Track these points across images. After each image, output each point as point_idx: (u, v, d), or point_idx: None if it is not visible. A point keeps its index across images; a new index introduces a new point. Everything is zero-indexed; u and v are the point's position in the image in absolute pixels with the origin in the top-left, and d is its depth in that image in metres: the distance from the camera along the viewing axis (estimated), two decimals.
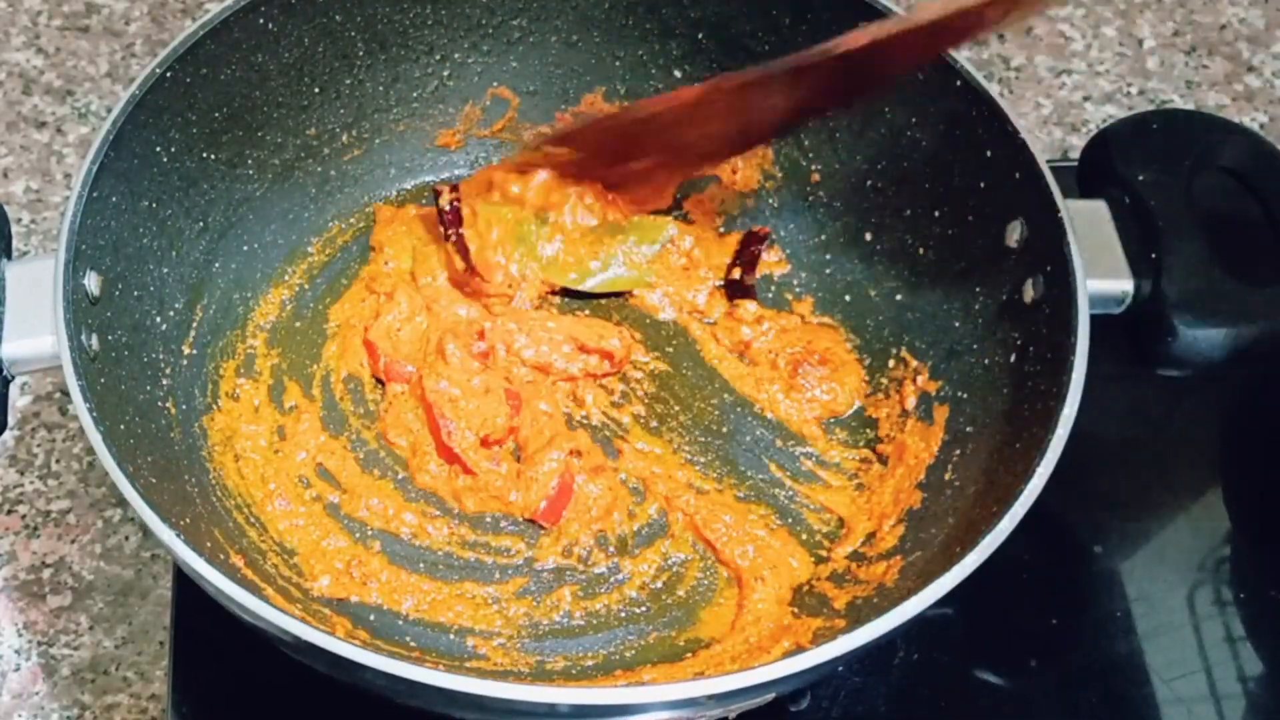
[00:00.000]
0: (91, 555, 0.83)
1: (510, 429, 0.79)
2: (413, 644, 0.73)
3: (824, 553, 0.77)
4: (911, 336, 0.82)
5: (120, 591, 0.82)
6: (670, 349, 0.84)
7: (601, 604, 0.75)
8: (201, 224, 0.80)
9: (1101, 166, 0.77)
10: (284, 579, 0.74)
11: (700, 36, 0.86)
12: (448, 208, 0.82)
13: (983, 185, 0.77)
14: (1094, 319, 0.69)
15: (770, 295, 0.87)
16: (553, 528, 0.77)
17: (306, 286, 0.85)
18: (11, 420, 0.87)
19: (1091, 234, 0.74)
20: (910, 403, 0.80)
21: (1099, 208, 0.76)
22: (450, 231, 0.82)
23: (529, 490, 0.77)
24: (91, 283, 0.68)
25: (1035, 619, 0.79)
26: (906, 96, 0.80)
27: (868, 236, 0.85)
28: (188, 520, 0.68)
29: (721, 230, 0.89)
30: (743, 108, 0.77)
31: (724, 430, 0.82)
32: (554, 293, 0.86)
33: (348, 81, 0.85)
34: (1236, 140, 0.77)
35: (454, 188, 0.83)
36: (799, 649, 0.60)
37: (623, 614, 0.75)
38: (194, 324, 0.79)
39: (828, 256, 0.87)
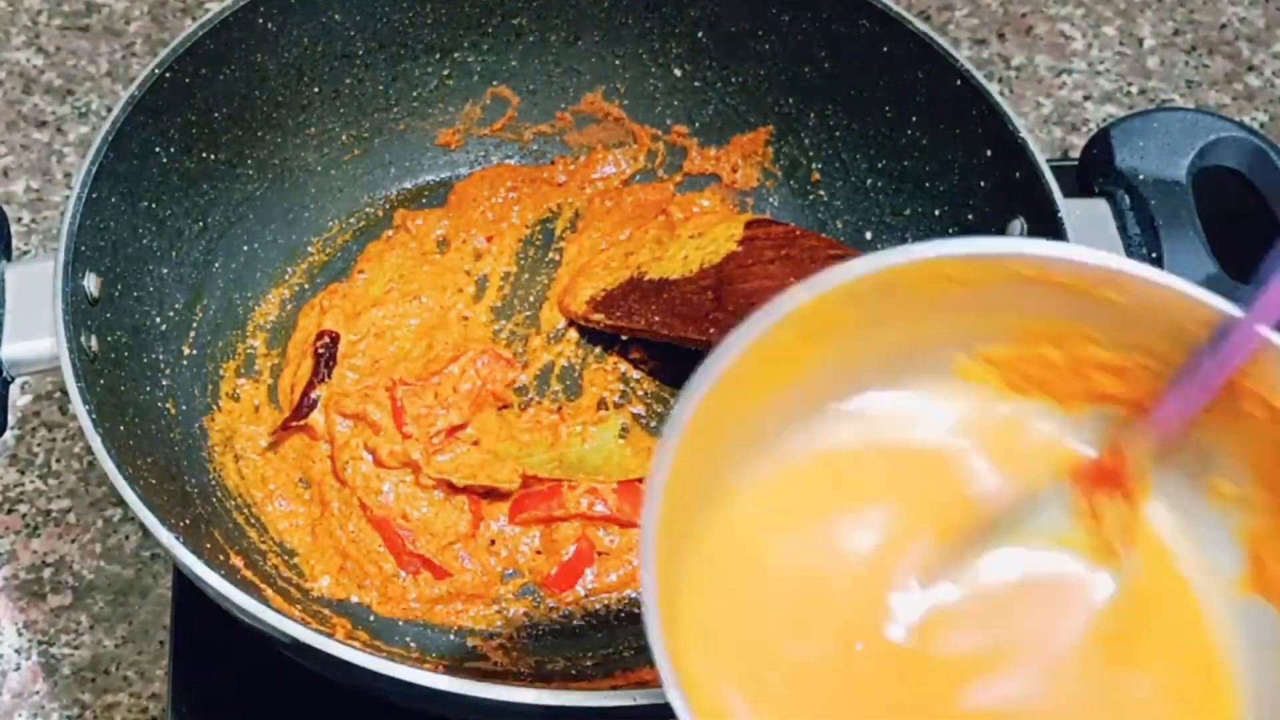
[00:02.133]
0: (92, 554, 0.83)
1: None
2: (413, 645, 0.73)
3: None
4: None
5: (120, 591, 0.82)
6: (670, 348, 0.84)
7: (601, 604, 0.75)
8: (201, 224, 0.80)
9: (1102, 165, 0.77)
10: (284, 580, 0.74)
11: (700, 35, 0.86)
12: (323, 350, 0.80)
13: (983, 185, 0.77)
14: None
15: None
16: (552, 598, 0.75)
17: (306, 286, 0.85)
18: (11, 420, 0.87)
19: (1092, 233, 0.74)
20: None
21: (1099, 207, 0.76)
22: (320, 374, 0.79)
23: (539, 555, 0.76)
24: (91, 284, 0.68)
25: None
26: (907, 96, 0.80)
27: (868, 236, 0.85)
28: (187, 521, 0.68)
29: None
30: None
31: None
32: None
33: (347, 81, 0.85)
34: (1237, 139, 0.77)
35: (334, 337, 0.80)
36: None
37: (623, 614, 0.75)
38: (194, 324, 0.79)
39: None
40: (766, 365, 0.45)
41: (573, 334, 0.84)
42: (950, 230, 0.80)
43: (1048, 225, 0.72)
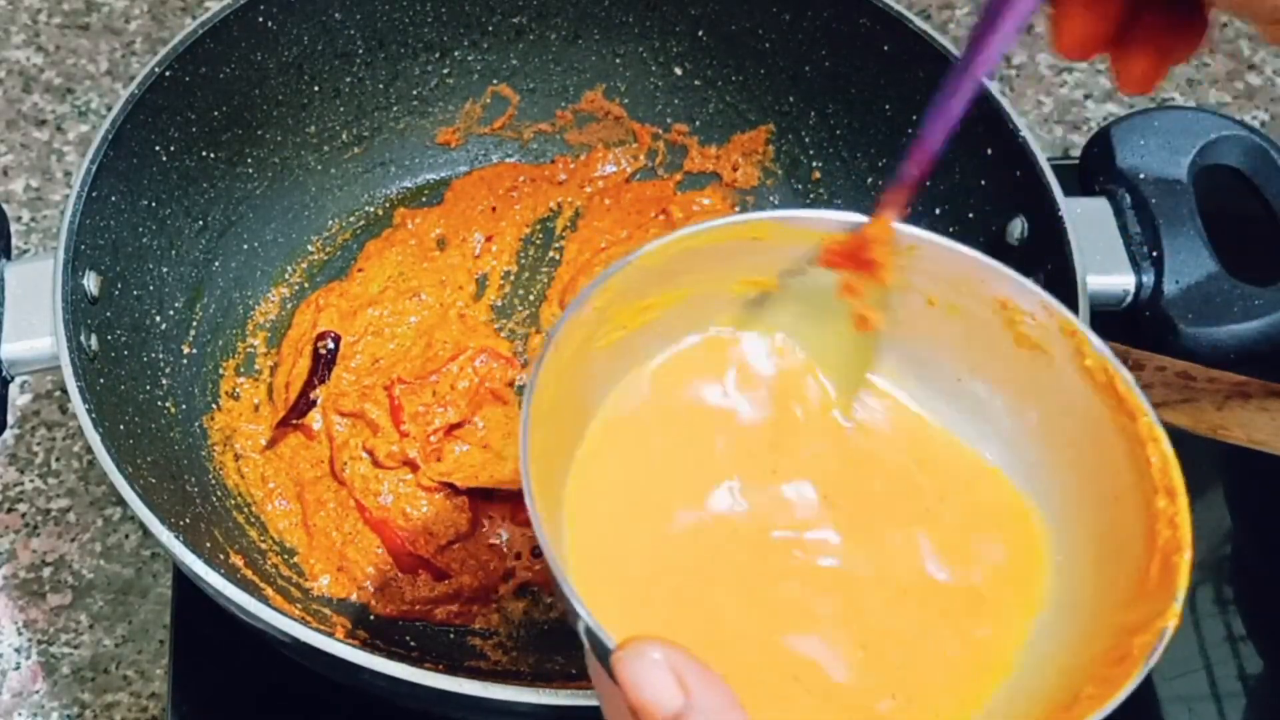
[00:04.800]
0: (91, 554, 0.83)
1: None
2: (413, 644, 0.73)
3: None
4: None
5: (120, 590, 0.82)
6: None
7: None
8: (201, 223, 0.80)
9: (1102, 164, 0.77)
10: (284, 579, 0.74)
11: (700, 33, 0.86)
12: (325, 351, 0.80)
13: (983, 183, 0.77)
14: (1095, 316, 0.69)
15: None
16: (551, 598, 0.75)
17: (307, 285, 0.85)
18: (11, 419, 0.87)
19: (1092, 232, 0.74)
20: None
21: (1100, 205, 0.76)
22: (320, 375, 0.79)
23: (539, 555, 0.75)
24: (91, 283, 0.68)
25: None
26: (907, 95, 0.80)
27: None
28: (187, 520, 0.68)
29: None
30: None
31: None
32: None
33: (347, 80, 0.85)
34: (1238, 138, 0.77)
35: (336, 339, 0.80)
36: None
37: None
38: (194, 323, 0.79)
39: None
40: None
41: None
42: (950, 229, 0.80)
43: (1048, 224, 0.72)
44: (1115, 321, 0.74)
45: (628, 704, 0.39)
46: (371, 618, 0.74)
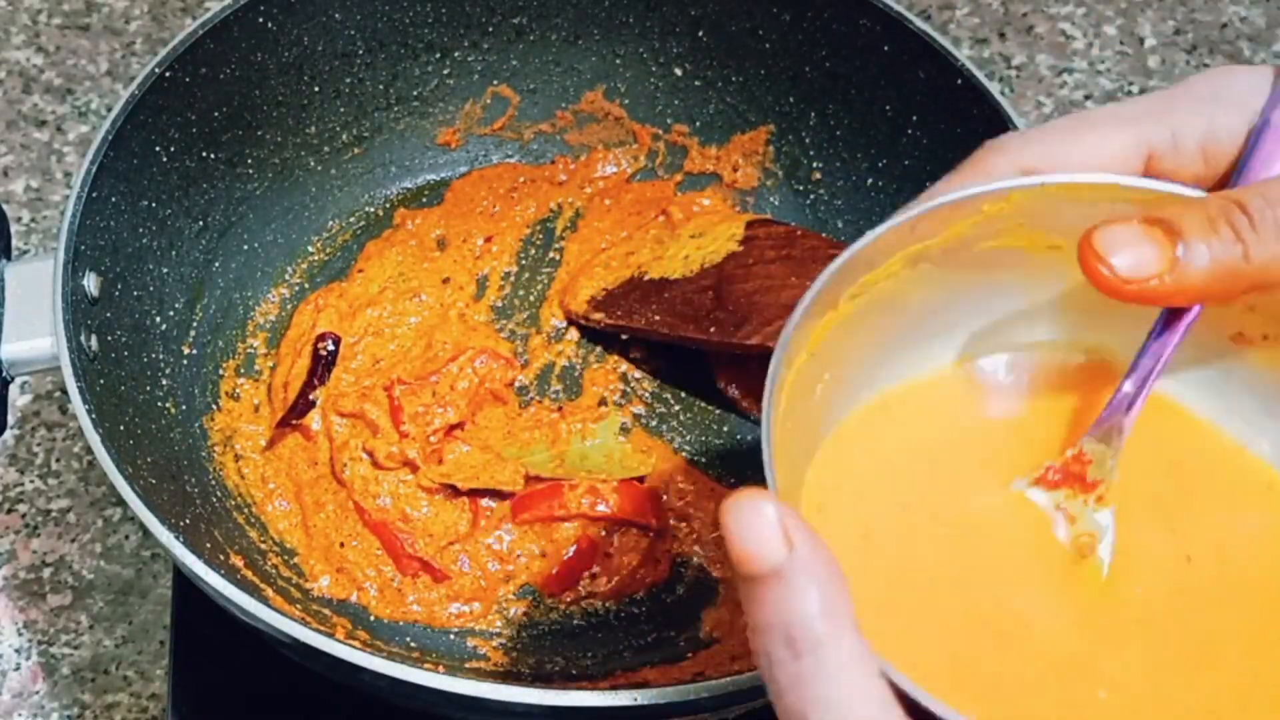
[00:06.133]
0: (91, 554, 0.83)
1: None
2: (413, 644, 0.73)
3: None
4: None
5: (120, 590, 0.82)
6: (670, 348, 0.84)
7: (601, 604, 0.75)
8: (201, 223, 0.80)
9: None
10: (284, 579, 0.74)
11: (701, 34, 0.86)
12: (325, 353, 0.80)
13: None
14: None
15: None
16: (551, 598, 0.75)
17: (306, 285, 0.85)
18: (11, 419, 0.87)
19: None
20: None
21: None
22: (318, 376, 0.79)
23: (539, 555, 0.75)
24: (91, 283, 0.68)
25: None
26: (907, 95, 0.80)
27: None
28: (187, 521, 0.68)
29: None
30: None
31: (724, 430, 0.82)
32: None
33: (347, 80, 0.85)
34: None
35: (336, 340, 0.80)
36: None
37: (622, 614, 0.75)
38: (194, 324, 0.79)
39: None
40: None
41: (573, 334, 0.84)
42: None
43: None
44: None
45: (730, 555, 0.36)
46: (372, 618, 0.74)
